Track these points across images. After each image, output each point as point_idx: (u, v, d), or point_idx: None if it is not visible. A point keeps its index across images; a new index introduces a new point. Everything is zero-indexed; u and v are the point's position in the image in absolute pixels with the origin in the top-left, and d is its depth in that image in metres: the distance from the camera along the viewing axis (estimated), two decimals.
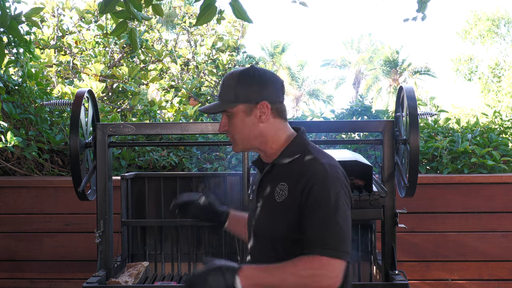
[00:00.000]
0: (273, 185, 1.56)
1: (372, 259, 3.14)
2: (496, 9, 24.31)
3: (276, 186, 1.55)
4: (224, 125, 1.60)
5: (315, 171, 1.48)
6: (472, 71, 24.38)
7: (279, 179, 1.55)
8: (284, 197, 1.51)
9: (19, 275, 3.81)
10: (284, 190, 1.52)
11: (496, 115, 4.82)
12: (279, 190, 1.54)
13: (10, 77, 4.40)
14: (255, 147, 1.61)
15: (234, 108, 1.57)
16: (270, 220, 1.54)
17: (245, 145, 1.61)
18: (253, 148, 1.62)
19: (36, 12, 3.77)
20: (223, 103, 1.58)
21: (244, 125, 1.57)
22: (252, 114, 1.57)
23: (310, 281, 1.39)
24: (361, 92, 29.20)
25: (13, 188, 3.82)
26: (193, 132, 2.88)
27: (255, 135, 1.58)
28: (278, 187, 1.54)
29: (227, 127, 1.60)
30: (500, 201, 3.72)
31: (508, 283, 3.72)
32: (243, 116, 1.57)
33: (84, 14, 6.10)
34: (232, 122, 1.58)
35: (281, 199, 1.52)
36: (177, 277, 3.21)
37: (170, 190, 3.33)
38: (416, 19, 3.38)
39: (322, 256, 1.40)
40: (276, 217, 1.52)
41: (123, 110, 5.74)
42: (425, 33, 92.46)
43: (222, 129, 1.61)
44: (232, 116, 1.58)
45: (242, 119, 1.57)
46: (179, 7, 7.68)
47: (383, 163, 2.77)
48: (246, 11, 2.42)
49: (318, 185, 1.46)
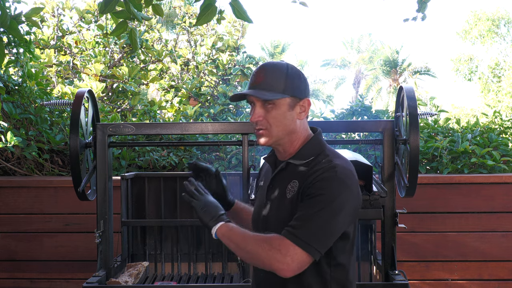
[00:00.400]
0: (285, 182, 1.57)
1: (372, 259, 3.14)
2: (496, 9, 24.31)
3: (288, 183, 1.56)
4: (260, 115, 1.53)
5: (324, 171, 1.48)
6: (472, 71, 24.38)
7: (292, 177, 1.56)
8: (293, 193, 1.53)
9: (19, 275, 3.81)
10: (294, 187, 1.53)
11: (496, 115, 4.82)
12: (290, 187, 1.55)
13: (10, 77, 4.40)
14: (282, 143, 1.58)
15: (280, 99, 1.53)
16: (279, 216, 1.54)
17: (278, 139, 1.56)
18: (280, 145, 1.58)
19: (36, 12, 3.77)
20: (272, 93, 1.52)
21: (285, 118, 1.54)
22: (293, 109, 1.55)
23: (265, 255, 1.43)
24: (361, 92, 29.20)
25: (13, 188, 3.82)
26: (193, 132, 2.88)
27: (289, 131, 1.57)
28: (290, 184, 1.55)
29: (262, 117, 1.54)
30: (500, 201, 3.72)
31: (508, 283, 3.72)
32: (286, 109, 1.54)
33: (84, 14, 6.10)
34: (272, 113, 1.53)
35: (290, 195, 1.53)
36: (177, 277, 3.21)
37: (170, 190, 3.33)
38: (416, 19, 3.38)
39: (287, 238, 1.42)
40: (285, 213, 1.53)
41: (123, 110, 5.74)
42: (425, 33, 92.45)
43: (256, 119, 1.53)
44: (273, 108, 1.53)
45: (285, 112, 1.54)
46: (179, 7, 7.68)
47: (383, 163, 2.77)
48: (246, 11, 2.42)
49: (320, 182, 1.46)
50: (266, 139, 1.56)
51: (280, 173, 1.61)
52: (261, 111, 1.54)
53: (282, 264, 1.40)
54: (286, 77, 1.54)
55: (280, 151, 1.62)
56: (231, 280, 3.13)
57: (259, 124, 1.55)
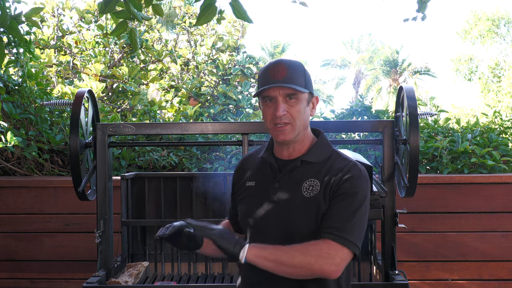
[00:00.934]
0: (299, 181, 1.57)
1: (372, 259, 3.14)
2: (496, 9, 24.31)
3: (303, 182, 1.56)
4: (284, 109, 1.54)
5: (351, 169, 1.54)
6: (472, 71, 24.38)
7: (308, 176, 1.56)
8: (315, 192, 1.53)
9: (19, 275, 3.81)
10: (315, 186, 1.54)
11: (496, 115, 4.82)
12: (307, 186, 1.55)
13: (10, 77, 4.40)
14: (298, 138, 1.60)
15: (302, 93, 1.56)
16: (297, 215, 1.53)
17: (299, 133, 1.58)
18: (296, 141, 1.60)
19: (36, 12, 3.77)
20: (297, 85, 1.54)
21: (305, 113, 1.58)
22: (309, 105, 1.60)
23: (315, 261, 1.42)
24: (361, 92, 29.20)
25: (13, 188, 3.82)
26: (193, 132, 2.88)
27: (306, 126, 1.60)
28: (306, 183, 1.55)
29: (286, 112, 1.54)
30: (500, 201, 3.72)
31: (508, 283, 3.72)
32: (305, 104, 1.58)
33: (84, 14, 6.10)
34: (296, 107, 1.55)
35: (312, 194, 1.53)
36: (177, 277, 3.21)
37: (170, 190, 3.33)
38: (416, 19, 3.37)
39: (333, 241, 1.44)
40: (306, 212, 1.52)
41: (123, 110, 5.74)
42: (425, 33, 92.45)
43: (282, 113, 1.53)
44: (296, 102, 1.55)
45: (305, 107, 1.58)
46: (179, 7, 7.68)
47: (383, 163, 2.77)
48: (246, 11, 2.42)
49: (350, 180, 1.51)
50: (291, 133, 1.56)
51: (292, 172, 1.59)
52: (284, 105, 1.55)
53: (335, 266, 1.43)
54: (305, 73, 1.58)
55: (289, 149, 1.61)
56: (231, 280, 3.13)
57: (284, 118, 1.54)
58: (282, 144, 1.61)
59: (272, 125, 1.56)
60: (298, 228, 1.53)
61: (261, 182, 1.64)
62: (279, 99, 1.54)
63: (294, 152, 1.61)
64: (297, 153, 1.61)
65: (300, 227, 1.52)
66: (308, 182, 1.55)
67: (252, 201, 1.64)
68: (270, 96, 1.56)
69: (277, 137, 1.58)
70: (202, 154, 4.39)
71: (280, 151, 1.64)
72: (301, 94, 1.55)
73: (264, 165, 1.66)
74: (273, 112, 1.55)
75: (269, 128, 1.59)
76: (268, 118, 1.57)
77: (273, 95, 1.55)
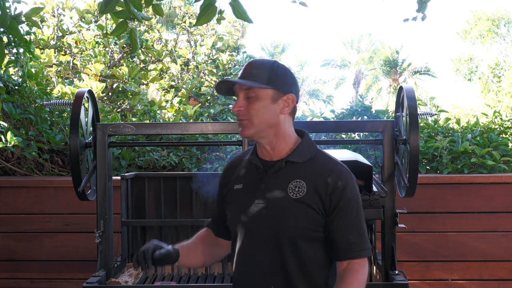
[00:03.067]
0: (285, 182, 1.56)
1: (372, 259, 3.13)
2: (496, 9, 24.29)
3: (288, 183, 1.56)
4: (241, 105, 1.55)
5: (341, 174, 1.56)
6: (472, 71, 24.37)
7: (292, 176, 1.56)
8: (302, 193, 1.53)
9: (19, 275, 3.81)
10: (302, 187, 1.54)
11: (496, 115, 4.82)
12: (293, 186, 1.55)
13: (10, 77, 4.40)
14: (265, 136, 1.58)
15: (263, 90, 1.55)
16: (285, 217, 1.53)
17: (259, 131, 1.57)
18: (263, 138, 1.59)
19: (36, 12, 3.77)
20: (255, 82, 1.54)
21: (266, 110, 1.55)
22: (276, 102, 1.57)
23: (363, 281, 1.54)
24: (361, 92, 29.21)
25: (13, 188, 3.82)
26: (193, 132, 2.88)
27: (271, 124, 1.57)
28: (292, 184, 1.55)
29: (243, 108, 1.55)
30: (500, 201, 3.72)
31: (508, 283, 3.72)
32: (268, 101, 1.55)
33: (84, 14, 6.10)
34: (254, 104, 1.54)
35: (299, 196, 1.53)
36: (177, 277, 3.21)
37: (170, 190, 3.33)
38: (416, 19, 3.38)
39: (362, 258, 1.55)
40: (292, 214, 1.53)
41: (123, 110, 5.74)
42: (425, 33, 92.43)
43: (237, 109, 1.55)
44: (256, 99, 1.54)
45: (267, 104, 1.55)
46: (179, 7, 7.68)
47: (383, 163, 2.77)
48: (246, 11, 2.42)
49: (348, 187, 1.55)
50: (249, 130, 1.56)
51: (277, 173, 1.59)
52: (243, 102, 1.56)
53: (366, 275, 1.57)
54: (271, 70, 1.56)
55: (267, 148, 1.61)
56: (231, 280, 3.13)
57: (240, 114, 1.56)
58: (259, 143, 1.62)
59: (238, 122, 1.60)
60: (286, 230, 1.53)
61: (248, 184, 1.64)
62: (240, 96, 1.56)
63: (274, 152, 1.61)
64: (279, 153, 1.60)
65: (287, 228, 1.53)
66: (294, 183, 1.55)
67: (240, 203, 1.63)
68: (236, 92, 1.59)
69: (240, 132, 1.60)
70: (202, 154, 4.39)
71: (261, 152, 1.64)
72: (260, 90, 1.54)
73: (250, 167, 1.66)
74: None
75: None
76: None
77: (236, 91, 1.58)
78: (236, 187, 1.66)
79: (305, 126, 3.14)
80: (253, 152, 1.67)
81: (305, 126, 3.13)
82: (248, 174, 1.65)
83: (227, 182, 1.71)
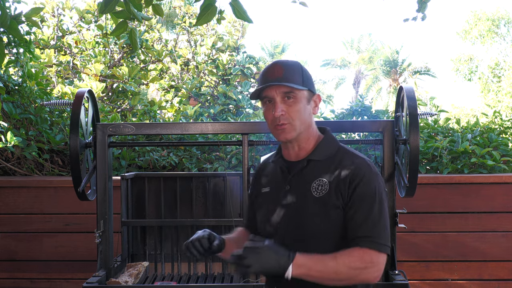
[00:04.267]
0: (308, 181, 1.56)
1: None
2: (496, 9, 24.30)
3: (312, 182, 1.55)
4: (282, 109, 1.53)
5: (359, 167, 1.53)
6: (472, 71, 24.38)
7: (315, 175, 1.56)
8: (325, 191, 1.52)
9: (19, 275, 3.81)
10: (324, 185, 1.53)
11: (496, 115, 4.82)
12: (316, 185, 1.54)
13: (10, 77, 4.40)
14: (301, 138, 1.59)
15: (300, 92, 1.55)
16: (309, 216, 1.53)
17: (300, 132, 1.57)
18: (299, 140, 1.59)
19: (36, 12, 3.77)
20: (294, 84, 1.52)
21: (305, 111, 1.56)
22: (309, 103, 1.58)
23: (359, 272, 1.44)
24: (361, 92, 29.20)
25: (13, 188, 3.82)
26: (193, 132, 2.88)
27: (308, 125, 1.58)
28: (315, 183, 1.54)
29: (284, 112, 1.53)
30: (500, 201, 3.72)
31: (508, 283, 3.72)
32: (305, 102, 1.56)
33: (84, 14, 6.10)
34: (294, 107, 1.54)
35: (322, 194, 1.52)
36: (177, 277, 3.21)
37: (170, 190, 3.33)
38: (416, 19, 3.37)
39: (372, 249, 1.46)
40: (317, 213, 1.52)
41: (123, 110, 5.74)
42: (425, 33, 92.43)
43: (280, 113, 1.52)
44: (294, 101, 1.54)
45: (304, 105, 1.56)
46: (179, 7, 7.68)
47: (383, 163, 2.77)
48: (246, 11, 2.42)
49: (364, 180, 1.50)
50: (291, 132, 1.55)
51: (300, 173, 1.58)
52: (282, 105, 1.54)
53: (378, 273, 1.47)
54: (302, 71, 1.57)
55: (295, 149, 1.61)
56: (231, 280, 3.13)
57: (283, 119, 1.54)
58: (287, 145, 1.61)
59: (273, 126, 1.56)
60: (311, 229, 1.53)
61: (275, 187, 1.64)
62: (277, 99, 1.54)
63: (300, 152, 1.61)
64: (304, 152, 1.61)
65: (312, 227, 1.52)
66: (317, 182, 1.55)
67: (268, 207, 1.64)
68: (269, 97, 1.55)
69: (278, 137, 1.57)
70: (202, 154, 4.38)
71: (287, 153, 1.64)
72: (299, 92, 1.54)
73: (275, 169, 1.66)
74: (272, 113, 1.54)
75: (270, 129, 1.59)
76: (269, 120, 1.57)
77: (270, 95, 1.55)
78: (264, 190, 1.68)
79: None
80: (278, 153, 1.67)
81: None
82: (274, 177, 1.66)
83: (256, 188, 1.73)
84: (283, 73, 1.53)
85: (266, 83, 1.54)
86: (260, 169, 1.76)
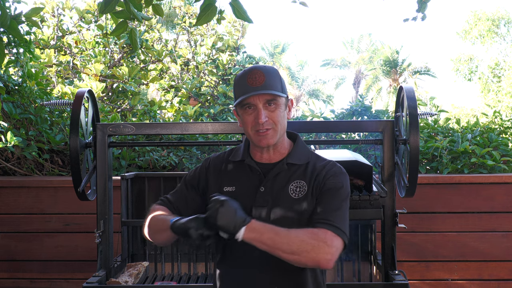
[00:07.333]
0: (285, 183, 1.59)
1: (372, 259, 3.13)
2: (496, 9, 24.30)
3: (289, 184, 1.59)
4: (266, 115, 1.57)
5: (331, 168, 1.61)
6: (472, 71, 24.37)
7: (292, 177, 1.60)
8: (303, 192, 1.57)
9: (19, 275, 3.81)
10: (303, 187, 1.58)
11: (496, 115, 4.82)
12: (294, 187, 1.58)
13: (10, 77, 4.40)
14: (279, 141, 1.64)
15: (280, 98, 1.60)
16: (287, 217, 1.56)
17: (280, 136, 1.63)
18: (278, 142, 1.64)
19: (36, 12, 3.76)
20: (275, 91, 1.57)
21: (284, 117, 1.62)
22: (286, 108, 1.64)
23: (311, 248, 1.43)
24: (361, 92, 29.21)
25: (13, 188, 3.82)
26: (193, 132, 2.88)
27: (285, 129, 1.65)
28: (292, 185, 1.59)
29: (267, 117, 1.58)
30: (500, 201, 3.72)
31: (508, 283, 3.72)
32: (283, 108, 1.62)
33: (84, 14, 6.10)
34: (276, 112, 1.59)
35: (300, 195, 1.57)
36: (177, 277, 3.21)
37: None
38: (416, 19, 3.37)
39: (329, 230, 1.47)
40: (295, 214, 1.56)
41: (123, 110, 5.74)
42: (425, 33, 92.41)
43: (264, 119, 1.56)
44: (276, 107, 1.59)
45: (283, 110, 1.62)
46: (179, 7, 7.68)
47: (383, 163, 2.77)
48: (246, 11, 2.42)
49: (332, 177, 1.58)
50: (273, 138, 1.59)
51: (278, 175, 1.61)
52: (265, 112, 1.57)
53: (330, 255, 1.44)
54: (280, 78, 1.62)
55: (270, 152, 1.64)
56: None
57: (266, 125, 1.57)
58: (262, 148, 1.62)
59: (254, 131, 1.59)
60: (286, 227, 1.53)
61: (243, 187, 1.63)
62: (259, 106, 1.57)
63: (274, 155, 1.64)
64: (278, 156, 1.64)
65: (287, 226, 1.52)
66: (294, 184, 1.59)
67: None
68: (250, 103, 1.57)
69: (260, 142, 1.59)
70: (202, 154, 4.38)
71: (259, 155, 1.65)
72: (280, 98, 1.59)
73: (243, 170, 1.65)
74: (254, 119, 1.57)
75: (250, 135, 1.60)
76: (249, 125, 1.59)
77: (253, 102, 1.57)
78: (226, 189, 1.64)
79: (305, 126, 3.14)
80: (245, 154, 1.67)
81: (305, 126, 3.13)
82: (242, 177, 1.65)
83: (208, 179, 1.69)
84: (264, 80, 1.56)
85: (249, 90, 1.56)
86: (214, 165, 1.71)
